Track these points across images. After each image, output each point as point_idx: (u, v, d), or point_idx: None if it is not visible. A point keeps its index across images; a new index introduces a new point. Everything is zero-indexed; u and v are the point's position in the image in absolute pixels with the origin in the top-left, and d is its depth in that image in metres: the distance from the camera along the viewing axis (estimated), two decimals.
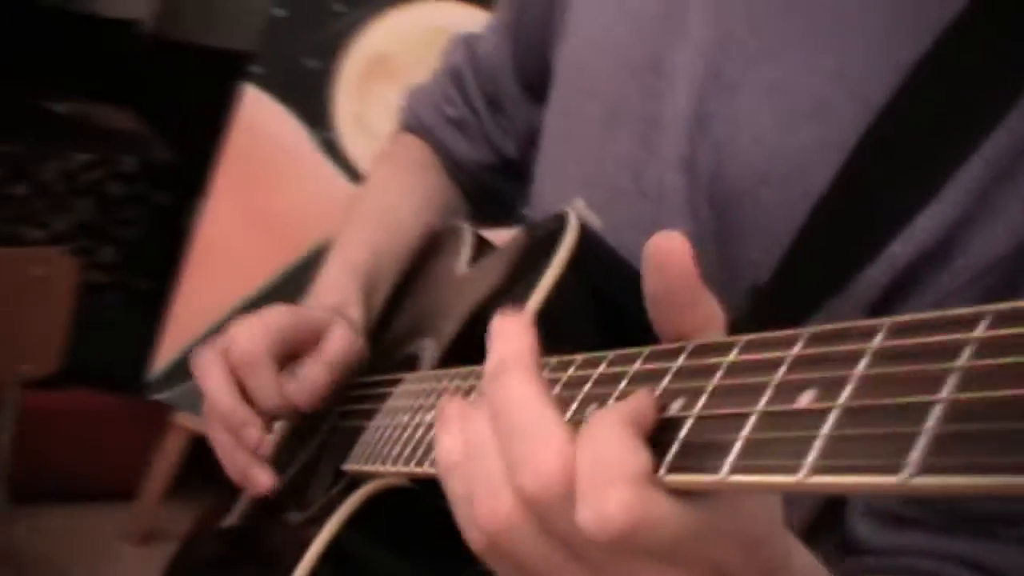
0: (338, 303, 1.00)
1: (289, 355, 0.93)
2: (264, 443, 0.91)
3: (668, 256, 0.51)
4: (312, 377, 0.92)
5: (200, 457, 1.42)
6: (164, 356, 2.89)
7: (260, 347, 0.90)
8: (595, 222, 0.79)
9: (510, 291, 0.79)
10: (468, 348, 0.78)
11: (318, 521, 0.84)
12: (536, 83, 1.05)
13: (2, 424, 2.08)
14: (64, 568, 2.85)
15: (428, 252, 1.09)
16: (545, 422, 0.49)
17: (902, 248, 0.74)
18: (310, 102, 2.86)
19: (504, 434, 0.51)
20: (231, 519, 1.02)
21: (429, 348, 0.92)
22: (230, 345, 0.90)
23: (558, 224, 0.79)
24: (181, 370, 2.80)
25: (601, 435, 0.47)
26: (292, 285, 1.02)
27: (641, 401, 0.49)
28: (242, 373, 0.90)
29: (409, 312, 1.04)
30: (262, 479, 0.90)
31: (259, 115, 2.84)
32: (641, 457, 0.46)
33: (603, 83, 0.91)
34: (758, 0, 0.82)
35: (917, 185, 0.73)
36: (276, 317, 0.93)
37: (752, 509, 0.49)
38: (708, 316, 0.52)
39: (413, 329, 0.99)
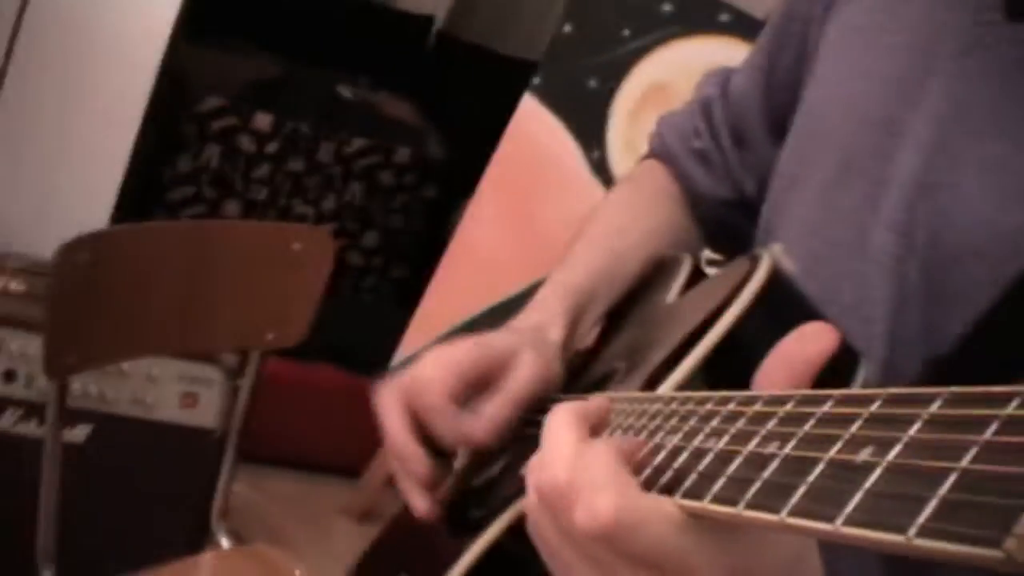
0: (540, 323, 1.02)
1: (474, 389, 0.96)
2: (431, 476, 0.95)
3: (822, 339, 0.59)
4: (491, 415, 0.94)
5: None
6: (409, 345, 2.96)
7: (442, 396, 0.93)
8: (790, 267, 0.79)
9: (696, 328, 0.79)
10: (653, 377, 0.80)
11: (487, 523, 0.88)
12: (781, 125, 1.04)
13: (243, 386, 2.16)
14: (281, 532, 2.95)
15: (649, 279, 1.09)
16: (563, 443, 0.63)
17: None
18: (585, 120, 2.88)
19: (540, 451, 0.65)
20: None
21: (621, 374, 0.92)
22: (416, 389, 0.94)
23: (751, 266, 0.79)
24: None
25: (596, 458, 0.60)
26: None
27: (634, 442, 0.63)
28: (423, 416, 0.94)
29: (614, 336, 1.04)
30: (420, 507, 0.96)
31: (534, 126, 2.88)
32: (625, 476, 0.58)
33: (840, 135, 0.90)
34: (997, 76, 0.80)
35: None
36: (462, 356, 0.96)
37: (775, 547, 0.57)
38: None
39: (613, 353, 1.00)
